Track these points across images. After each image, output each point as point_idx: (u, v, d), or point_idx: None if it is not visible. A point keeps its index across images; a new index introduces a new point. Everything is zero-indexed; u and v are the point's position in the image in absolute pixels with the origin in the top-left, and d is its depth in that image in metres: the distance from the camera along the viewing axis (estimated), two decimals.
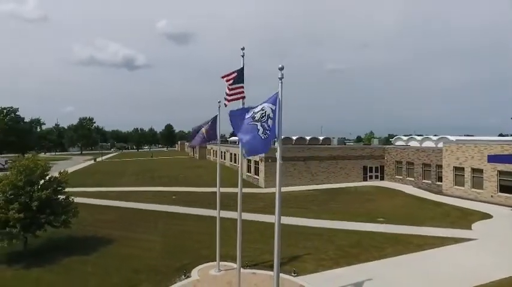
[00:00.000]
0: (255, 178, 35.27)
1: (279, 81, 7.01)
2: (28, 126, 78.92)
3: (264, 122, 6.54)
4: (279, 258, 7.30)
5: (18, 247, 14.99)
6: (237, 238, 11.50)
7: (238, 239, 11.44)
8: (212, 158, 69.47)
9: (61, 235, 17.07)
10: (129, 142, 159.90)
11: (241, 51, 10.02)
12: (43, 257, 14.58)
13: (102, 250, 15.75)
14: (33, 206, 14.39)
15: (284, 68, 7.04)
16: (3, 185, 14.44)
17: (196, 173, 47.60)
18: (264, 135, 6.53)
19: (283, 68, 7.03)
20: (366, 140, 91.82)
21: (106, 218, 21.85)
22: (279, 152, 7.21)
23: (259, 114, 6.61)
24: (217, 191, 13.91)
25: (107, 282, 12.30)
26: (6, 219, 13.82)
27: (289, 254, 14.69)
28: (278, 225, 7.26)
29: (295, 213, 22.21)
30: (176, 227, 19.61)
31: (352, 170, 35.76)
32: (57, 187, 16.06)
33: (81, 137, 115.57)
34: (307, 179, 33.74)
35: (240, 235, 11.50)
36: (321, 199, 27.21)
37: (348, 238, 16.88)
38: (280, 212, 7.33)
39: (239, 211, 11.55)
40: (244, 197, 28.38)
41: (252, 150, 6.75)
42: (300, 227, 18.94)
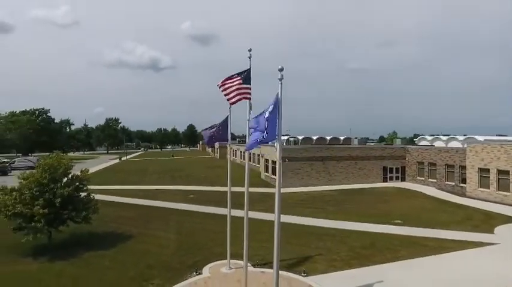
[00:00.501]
0: (272, 177, 35.34)
1: (279, 82, 7.12)
2: (58, 126, 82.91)
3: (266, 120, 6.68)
4: (278, 257, 7.42)
5: (43, 240, 15.87)
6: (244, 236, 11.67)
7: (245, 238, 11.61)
8: (232, 157, 70.17)
9: (83, 231, 17.87)
10: (153, 142, 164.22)
11: (249, 52, 10.19)
12: (66, 251, 15.36)
13: (120, 245, 16.39)
14: (57, 202, 15.20)
15: (284, 69, 7.14)
16: (29, 182, 15.35)
17: (216, 172, 48.24)
18: (262, 135, 6.66)
19: (282, 69, 7.14)
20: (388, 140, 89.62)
21: (126, 215, 22.66)
22: (278, 151, 7.31)
23: (262, 117, 6.77)
24: (228, 191, 14.16)
25: (123, 276, 12.82)
26: (31, 214, 14.67)
27: (300, 255, 14.73)
28: (278, 223, 7.37)
29: (310, 213, 22.15)
30: (191, 225, 20.07)
31: (372, 171, 35.09)
32: (79, 184, 16.92)
33: (108, 137, 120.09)
34: (325, 180, 33.44)
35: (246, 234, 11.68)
36: (338, 200, 26.92)
37: (362, 239, 16.66)
38: (279, 211, 7.44)
39: (246, 210, 11.75)
40: (261, 197, 28.95)
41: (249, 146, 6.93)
42: (313, 228, 18.88)
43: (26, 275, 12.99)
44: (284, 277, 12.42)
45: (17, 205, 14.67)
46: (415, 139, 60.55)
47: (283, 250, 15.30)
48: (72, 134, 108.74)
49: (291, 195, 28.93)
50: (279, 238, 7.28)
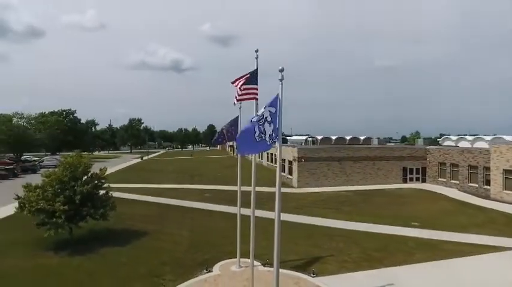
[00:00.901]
0: (288, 177, 35.27)
1: (279, 82, 7.16)
2: (84, 126, 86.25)
3: (260, 125, 6.73)
4: (278, 256, 7.46)
5: (64, 236, 16.60)
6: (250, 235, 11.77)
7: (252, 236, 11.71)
8: (250, 157, 70.41)
9: (101, 227, 18.53)
10: (174, 142, 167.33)
11: (255, 53, 10.27)
12: (85, 247, 15.99)
13: (135, 242, 16.90)
14: (76, 199, 15.87)
15: (284, 70, 7.18)
16: (51, 180, 16.11)
17: (233, 172, 48.52)
18: (259, 138, 6.72)
19: (283, 70, 7.18)
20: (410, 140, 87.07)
21: (143, 212, 23.29)
22: (279, 152, 7.36)
23: (257, 118, 6.82)
24: (238, 189, 14.32)
25: (135, 272, 13.23)
26: (53, 210, 15.39)
27: (311, 255, 14.68)
28: (278, 222, 7.42)
29: (324, 214, 21.97)
30: (205, 223, 20.39)
31: (391, 172, 34.28)
32: (97, 182, 17.59)
33: (131, 137, 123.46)
34: (342, 180, 33.00)
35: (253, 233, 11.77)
36: (354, 201, 26.52)
37: (375, 241, 16.38)
38: (279, 210, 7.49)
39: (252, 209, 11.84)
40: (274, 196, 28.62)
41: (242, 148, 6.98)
42: (326, 228, 18.72)
43: (47, 268, 13.66)
44: (292, 277, 12.45)
45: (39, 201, 15.44)
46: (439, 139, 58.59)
47: (293, 250, 15.38)
48: (98, 134, 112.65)
49: (306, 195, 28.78)
50: (279, 237, 7.32)
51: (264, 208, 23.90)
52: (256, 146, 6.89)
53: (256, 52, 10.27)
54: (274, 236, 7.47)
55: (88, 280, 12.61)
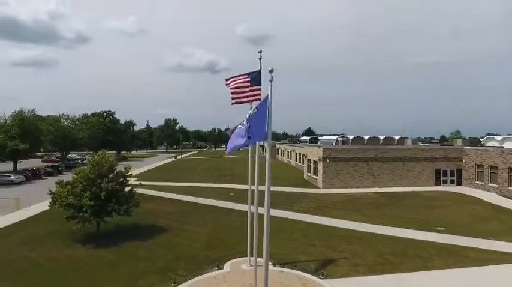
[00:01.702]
0: (313, 177, 34.83)
1: (269, 83, 7.24)
2: (123, 127, 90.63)
3: (241, 125, 6.86)
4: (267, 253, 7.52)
5: (92, 229, 17.76)
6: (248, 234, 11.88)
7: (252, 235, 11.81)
8: (280, 157, 70.37)
9: (127, 222, 19.53)
10: (208, 141, 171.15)
11: (259, 54, 10.37)
12: (109, 240, 16.98)
13: (156, 237, 17.66)
14: (102, 195, 16.92)
15: (273, 71, 7.25)
16: (80, 177, 17.32)
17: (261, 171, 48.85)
18: (249, 135, 6.83)
19: (272, 71, 7.25)
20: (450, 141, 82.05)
21: (168, 209, 24.22)
22: (268, 151, 7.43)
23: (246, 118, 6.96)
24: (249, 188, 14.47)
25: (152, 265, 13.87)
26: (81, 205, 16.55)
27: (323, 257, 14.51)
28: (267, 221, 7.49)
29: (345, 215, 21.51)
30: (225, 222, 20.77)
31: (422, 173, 32.64)
32: (123, 180, 18.61)
33: (167, 137, 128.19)
34: (369, 182, 31.98)
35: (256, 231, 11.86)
36: (379, 203, 25.65)
37: (394, 245, 15.80)
38: (269, 210, 7.55)
39: (256, 207, 11.92)
40: (299, 197, 28.68)
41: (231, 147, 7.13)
42: (344, 230, 18.33)
43: (74, 259, 14.72)
44: (300, 278, 12.41)
45: (69, 196, 16.67)
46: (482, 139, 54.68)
47: (307, 250, 15.29)
48: (135, 134, 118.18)
49: (330, 196, 28.28)
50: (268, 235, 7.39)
51: (286, 208, 23.97)
52: (236, 143, 7.04)
53: (260, 53, 10.36)
54: (264, 234, 7.53)
55: (108, 271, 13.43)
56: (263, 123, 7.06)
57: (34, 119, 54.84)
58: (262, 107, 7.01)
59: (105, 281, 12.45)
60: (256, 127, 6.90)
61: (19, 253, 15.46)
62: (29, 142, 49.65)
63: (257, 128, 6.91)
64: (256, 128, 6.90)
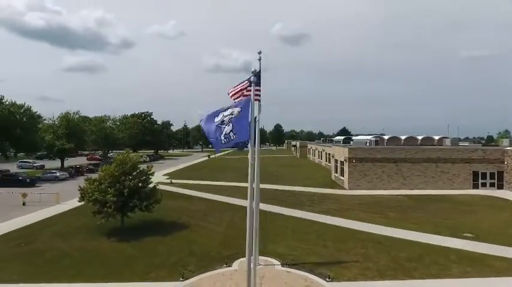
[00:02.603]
0: (340, 178, 34.08)
1: (252, 85, 7.35)
2: (160, 127, 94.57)
3: (220, 126, 7.02)
4: (250, 254, 7.63)
5: (116, 224, 18.89)
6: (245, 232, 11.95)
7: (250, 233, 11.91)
8: (311, 157, 69.52)
9: (151, 219, 20.50)
10: None
11: (258, 55, 10.49)
12: (131, 235, 17.96)
13: (175, 233, 18.37)
14: (125, 192, 17.97)
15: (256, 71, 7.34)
16: (105, 174, 18.51)
17: (288, 171, 48.77)
18: (225, 139, 7.00)
19: (255, 71, 7.36)
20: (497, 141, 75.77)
21: (191, 207, 25.02)
22: (250, 153, 7.55)
23: (227, 118, 7.13)
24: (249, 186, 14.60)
25: (166, 260, 14.50)
26: (105, 201, 17.70)
27: (334, 259, 14.29)
28: (255, 220, 7.61)
29: (367, 218, 20.88)
30: (243, 221, 21.01)
31: (457, 176, 30.63)
32: (146, 178, 19.58)
33: (202, 136, 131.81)
34: (398, 183, 30.65)
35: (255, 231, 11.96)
36: (406, 206, 24.54)
37: (411, 250, 15.12)
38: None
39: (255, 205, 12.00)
40: (323, 198, 28.27)
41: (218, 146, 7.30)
42: (361, 233, 17.85)
43: (97, 250, 15.80)
44: (305, 279, 12.35)
45: (95, 192, 17.88)
46: None
47: (319, 252, 15.13)
48: (172, 134, 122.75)
49: (355, 198, 27.55)
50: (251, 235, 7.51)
51: (306, 209, 23.78)
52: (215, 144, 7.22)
53: (259, 54, 10.47)
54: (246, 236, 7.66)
55: (126, 263, 14.27)
56: (246, 123, 7.20)
57: (79, 121, 59.16)
58: (245, 108, 7.15)
59: (122, 272, 13.25)
60: (240, 127, 7.05)
61: (52, 243, 16.88)
62: (74, 142, 53.68)
63: (241, 129, 7.06)
64: (240, 129, 7.05)
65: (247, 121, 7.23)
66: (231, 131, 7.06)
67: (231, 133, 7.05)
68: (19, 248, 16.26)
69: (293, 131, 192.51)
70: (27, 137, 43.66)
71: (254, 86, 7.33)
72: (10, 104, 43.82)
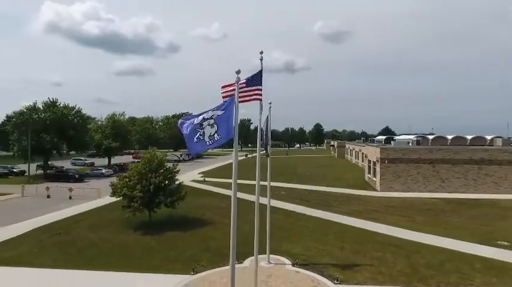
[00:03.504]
0: (372, 179, 32.79)
1: (236, 85, 7.52)
2: None
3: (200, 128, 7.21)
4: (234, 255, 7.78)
5: (144, 218, 20.02)
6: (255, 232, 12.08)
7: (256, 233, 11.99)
8: (349, 157, 67.54)
9: (177, 214, 21.40)
10: (281, 141, 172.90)
11: (260, 55, 10.60)
12: (156, 229, 18.90)
13: (197, 230, 19.04)
14: (151, 188, 19.03)
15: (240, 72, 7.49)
16: (133, 171, 19.73)
17: (322, 171, 47.85)
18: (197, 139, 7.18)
19: (239, 72, 7.51)
20: None
21: (217, 204, 25.67)
22: (234, 154, 7.70)
23: (212, 120, 7.34)
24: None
25: (182, 255, 15.13)
26: (133, 196, 18.88)
27: (348, 261, 13.96)
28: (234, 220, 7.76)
29: (393, 221, 20.00)
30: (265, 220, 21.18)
31: (504, 179, 27.96)
32: (171, 175, 20.54)
33: (241, 136, 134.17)
34: (435, 186, 28.74)
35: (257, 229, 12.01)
36: (440, 210, 23.00)
37: (433, 256, 14.24)
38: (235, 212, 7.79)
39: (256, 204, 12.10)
40: (351, 199, 27.50)
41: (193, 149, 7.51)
42: (383, 236, 17.14)
43: (123, 242, 16.92)
44: (312, 279, 12.24)
45: (124, 188, 19.16)
46: None
47: (333, 253, 14.86)
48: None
49: (384, 200, 26.39)
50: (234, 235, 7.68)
51: (330, 209, 23.32)
52: (196, 147, 7.43)
53: (261, 54, 10.58)
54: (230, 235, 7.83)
55: (145, 255, 15.14)
56: (230, 123, 7.36)
57: (125, 121, 63.32)
58: (229, 108, 7.32)
59: (140, 264, 14.07)
60: (223, 127, 7.22)
61: (85, 234, 18.37)
62: (119, 141, 57.55)
63: (225, 129, 7.23)
64: (224, 129, 7.22)
65: (231, 121, 7.39)
66: (216, 133, 7.25)
67: (215, 135, 7.24)
68: (58, 237, 17.92)
69: (335, 130, 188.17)
70: (78, 136, 47.70)
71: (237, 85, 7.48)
72: (63, 106, 48.13)
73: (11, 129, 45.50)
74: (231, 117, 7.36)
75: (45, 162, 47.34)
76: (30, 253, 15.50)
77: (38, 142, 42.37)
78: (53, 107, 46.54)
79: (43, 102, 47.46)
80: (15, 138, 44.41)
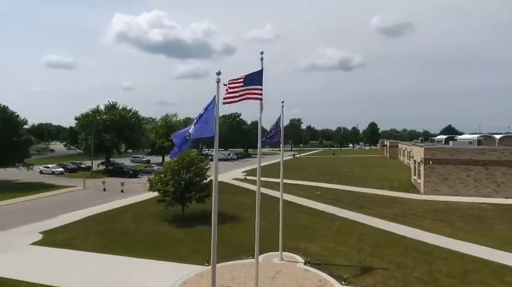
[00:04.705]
0: (417, 181, 30.71)
1: (216, 85, 7.99)
2: (250, 127, 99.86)
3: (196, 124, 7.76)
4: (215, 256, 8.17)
5: (179, 212, 21.40)
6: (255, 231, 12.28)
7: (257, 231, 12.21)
8: (402, 158, 63.61)
9: (210, 209, 22.16)
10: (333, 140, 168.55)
11: (260, 55, 10.91)
12: (188, 222, 20.10)
13: (224, 224, 19.52)
14: (182, 184, 20.35)
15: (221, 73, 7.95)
16: (167, 168, 21.25)
17: (369, 172, 45.89)
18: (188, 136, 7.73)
19: (220, 73, 7.96)
20: None
21: (249, 202, 26.10)
22: (215, 152, 8.15)
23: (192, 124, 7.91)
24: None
25: (202, 247, 15.82)
26: (166, 191, 20.36)
27: (363, 264, 13.64)
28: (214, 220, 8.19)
29: (428, 225, 18.81)
30: (292, 219, 21.26)
31: None
32: (202, 173, 21.69)
33: (291, 135, 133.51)
34: (488, 190, 25.98)
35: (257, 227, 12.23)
36: (487, 217, 20.86)
37: (459, 265, 13.20)
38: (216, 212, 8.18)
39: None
40: (388, 201, 26.30)
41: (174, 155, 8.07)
42: (411, 241, 16.28)
43: (156, 233, 18.31)
44: (320, 279, 12.24)
45: (158, 183, 20.75)
46: None
47: (350, 254, 14.59)
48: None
49: (425, 203, 24.66)
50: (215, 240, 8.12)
51: (362, 211, 22.59)
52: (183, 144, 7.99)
53: (261, 54, 10.88)
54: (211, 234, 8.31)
55: (172, 246, 16.28)
56: (211, 122, 7.83)
57: (177, 122, 67.33)
58: (210, 107, 7.79)
59: (165, 253, 15.14)
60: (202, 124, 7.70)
61: (125, 224, 20.25)
62: (171, 140, 61.43)
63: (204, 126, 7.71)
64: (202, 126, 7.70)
65: (211, 119, 7.87)
66: (193, 129, 7.77)
67: (192, 131, 7.77)
68: (102, 226, 20.03)
69: (393, 130, 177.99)
70: (134, 136, 52.12)
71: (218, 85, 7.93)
72: (122, 109, 52.94)
73: (79, 130, 51.35)
74: (211, 116, 7.84)
75: (107, 159, 52.50)
76: (77, 238, 17.64)
77: (100, 141, 47.22)
78: (113, 109, 51.43)
79: (104, 105, 52.72)
80: (82, 137, 50.04)
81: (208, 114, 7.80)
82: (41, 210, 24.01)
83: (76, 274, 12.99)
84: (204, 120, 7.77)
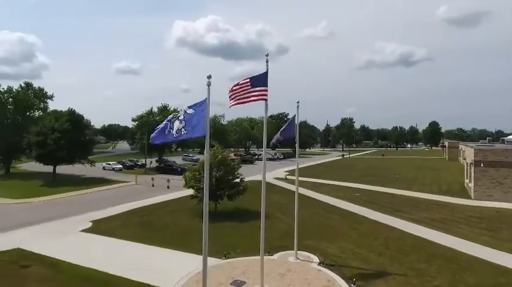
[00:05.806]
0: (469, 186, 28.09)
1: (207, 88, 8.53)
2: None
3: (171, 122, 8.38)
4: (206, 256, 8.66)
5: (212, 208, 22.43)
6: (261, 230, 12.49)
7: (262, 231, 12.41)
8: (462, 160, 58.23)
9: (241, 207, 23.15)
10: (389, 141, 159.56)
11: (265, 57, 11.21)
12: (219, 218, 20.92)
13: (250, 221, 20.35)
14: (213, 182, 21.36)
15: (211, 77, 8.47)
16: (200, 166, 22.45)
17: (419, 175, 43.02)
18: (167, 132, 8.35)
19: (210, 77, 8.49)
20: None
21: (282, 201, 26.40)
22: (206, 151, 8.68)
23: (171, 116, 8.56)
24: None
25: (225, 241, 16.63)
26: (198, 188, 21.53)
27: (380, 268, 13.28)
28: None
29: (466, 233, 17.43)
30: (320, 219, 21.17)
31: None
32: (233, 171, 22.53)
33: (342, 135, 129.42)
34: None
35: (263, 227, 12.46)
36: None
37: (488, 277, 12.13)
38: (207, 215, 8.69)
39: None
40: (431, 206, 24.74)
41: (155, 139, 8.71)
42: (442, 248, 15.27)
43: (186, 226, 19.53)
44: (329, 279, 12.27)
45: (191, 180, 22.04)
46: None
47: (368, 257, 14.22)
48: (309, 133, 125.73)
49: (471, 209, 22.59)
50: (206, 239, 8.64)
51: (396, 215, 21.57)
52: (165, 137, 8.63)
53: (266, 56, 11.18)
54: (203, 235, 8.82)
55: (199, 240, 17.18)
56: (202, 122, 8.38)
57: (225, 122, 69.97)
58: (200, 108, 8.33)
59: (190, 244, 16.10)
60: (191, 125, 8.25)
61: (162, 218, 21.85)
62: (218, 140, 64.02)
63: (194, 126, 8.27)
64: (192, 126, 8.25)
65: (203, 120, 8.42)
66: (183, 128, 8.35)
67: (183, 129, 8.35)
68: (142, 218, 21.88)
69: (460, 129, 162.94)
70: None
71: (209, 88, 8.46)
72: (173, 110, 56.50)
73: (135, 130, 55.96)
74: (202, 117, 8.40)
75: (160, 157, 56.44)
76: (119, 227, 19.55)
77: None
78: (165, 111, 55.14)
79: (157, 107, 56.76)
80: (138, 137, 54.45)
81: (199, 115, 8.38)
82: (97, 201, 27.13)
83: (110, 256, 14.62)
84: (195, 120, 8.37)
